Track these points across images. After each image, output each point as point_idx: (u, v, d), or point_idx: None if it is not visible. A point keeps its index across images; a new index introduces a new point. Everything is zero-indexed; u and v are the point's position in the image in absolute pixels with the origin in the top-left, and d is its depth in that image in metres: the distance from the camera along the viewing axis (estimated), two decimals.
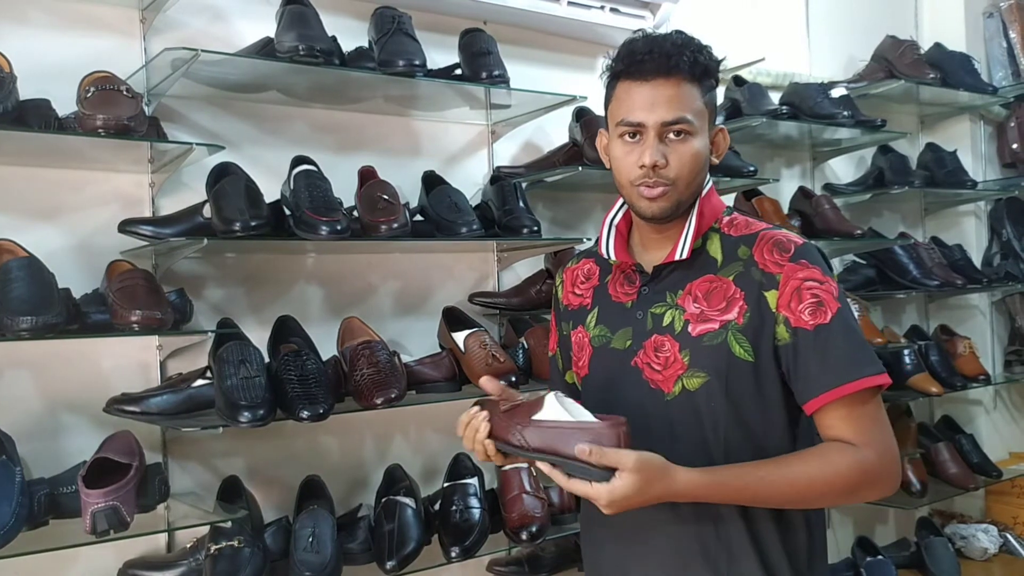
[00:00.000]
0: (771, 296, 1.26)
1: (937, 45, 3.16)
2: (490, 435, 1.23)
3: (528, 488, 1.98)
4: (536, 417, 1.19)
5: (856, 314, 2.53)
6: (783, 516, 1.31)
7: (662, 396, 1.31)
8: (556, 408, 1.19)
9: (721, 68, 1.35)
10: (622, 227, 1.43)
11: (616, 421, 1.15)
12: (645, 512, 1.22)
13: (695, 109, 1.28)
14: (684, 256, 1.31)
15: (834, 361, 1.23)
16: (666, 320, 1.32)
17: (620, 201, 1.44)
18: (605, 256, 1.41)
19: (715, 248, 1.34)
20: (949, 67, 3.07)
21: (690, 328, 1.30)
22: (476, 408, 1.27)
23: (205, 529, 1.72)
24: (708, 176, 1.37)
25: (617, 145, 1.32)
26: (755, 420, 1.29)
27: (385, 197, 1.88)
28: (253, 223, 1.68)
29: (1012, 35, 3.35)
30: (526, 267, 2.37)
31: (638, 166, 1.28)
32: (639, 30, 1.36)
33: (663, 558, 1.32)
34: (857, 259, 3.09)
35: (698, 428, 1.29)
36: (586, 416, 1.19)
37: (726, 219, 1.37)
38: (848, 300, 1.29)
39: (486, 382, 1.32)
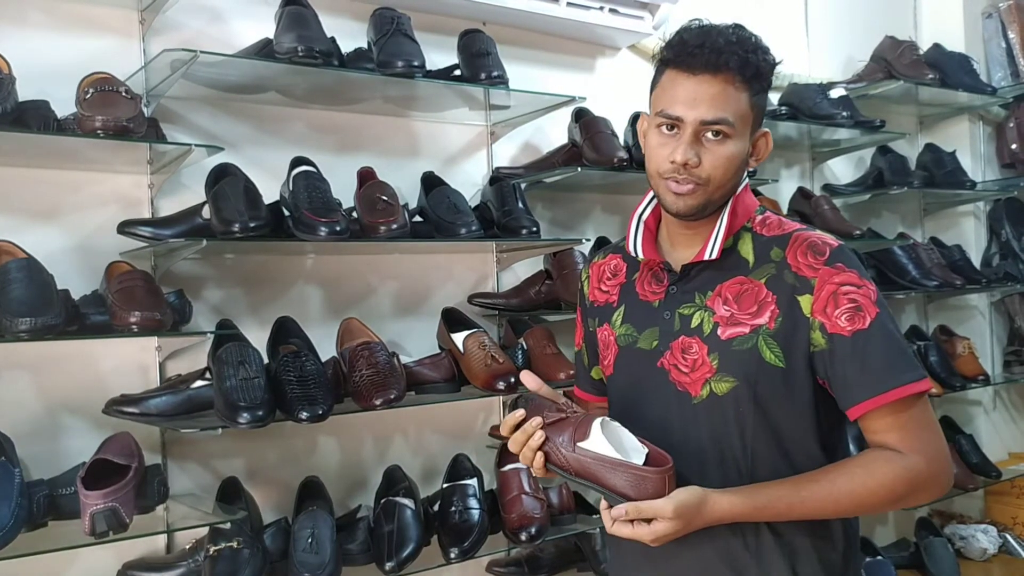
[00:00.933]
0: (804, 301, 1.23)
1: (936, 46, 3.16)
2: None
3: (527, 489, 1.98)
4: (582, 445, 1.17)
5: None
6: (818, 526, 1.27)
7: (689, 399, 1.28)
8: (600, 439, 1.16)
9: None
10: (650, 223, 1.38)
11: (662, 469, 1.14)
12: None
13: (738, 111, 1.23)
14: (714, 256, 1.28)
15: (874, 368, 1.20)
16: (694, 322, 1.29)
17: (649, 195, 1.39)
18: (633, 253, 1.37)
19: (747, 248, 1.30)
20: (948, 68, 3.07)
21: (719, 331, 1.26)
22: (522, 412, 1.23)
23: (204, 530, 1.72)
24: (746, 177, 1.33)
25: (653, 134, 1.28)
26: (784, 426, 1.26)
27: (384, 198, 1.88)
28: (252, 224, 1.68)
29: (1011, 35, 3.35)
30: (525, 268, 2.37)
31: (669, 160, 1.24)
32: (696, 19, 1.30)
33: (689, 569, 1.30)
34: None
35: (725, 432, 1.26)
36: (634, 444, 1.18)
37: (759, 218, 1.33)
38: (887, 304, 1.25)
39: (527, 378, 1.29)
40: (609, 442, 1.17)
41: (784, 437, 1.26)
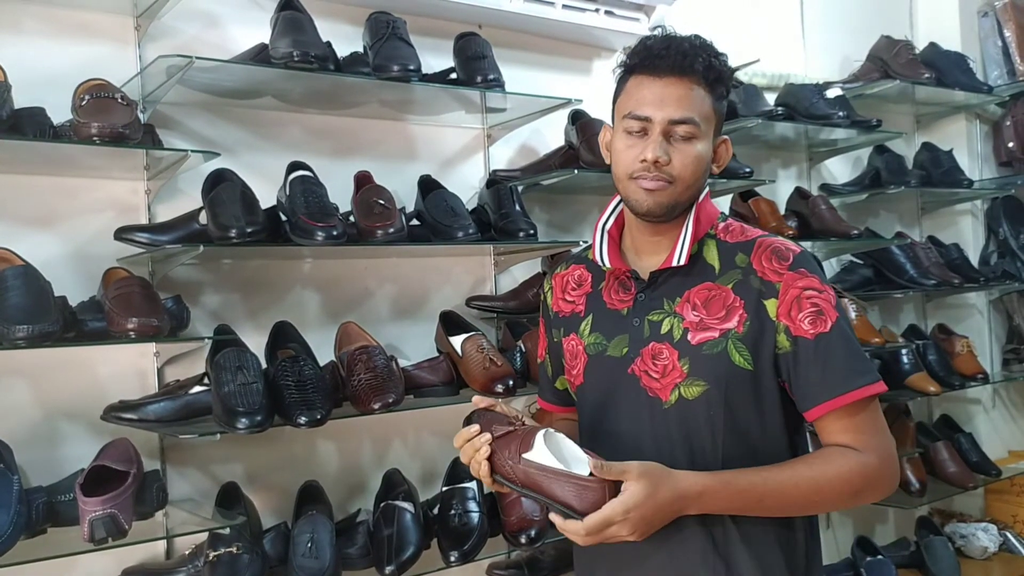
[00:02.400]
0: (771, 305, 1.26)
1: (932, 45, 3.17)
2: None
3: None
4: (526, 456, 1.18)
5: (853, 315, 2.55)
6: (781, 521, 1.30)
7: (660, 404, 1.30)
8: (543, 451, 1.17)
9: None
10: (614, 232, 1.41)
11: (601, 478, 1.14)
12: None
13: (704, 113, 1.28)
14: (682, 262, 1.30)
15: (834, 370, 1.24)
16: (664, 328, 1.31)
17: (612, 205, 1.43)
18: (599, 263, 1.39)
19: (712, 255, 1.33)
20: (944, 67, 3.08)
21: (689, 336, 1.28)
22: (476, 427, 1.25)
23: (204, 536, 1.72)
24: (706, 185, 1.36)
25: (620, 138, 1.31)
26: (753, 428, 1.29)
27: (381, 202, 1.88)
28: (249, 229, 1.68)
29: (1007, 34, 3.35)
30: (523, 270, 2.37)
31: (639, 160, 1.27)
32: (658, 26, 1.35)
33: (660, 567, 1.31)
34: (854, 259, 3.09)
35: (696, 436, 1.28)
36: (577, 455, 1.19)
37: (721, 225, 1.36)
38: (843, 306, 1.29)
39: (478, 399, 1.33)
40: (552, 453, 1.17)
41: (754, 439, 1.29)
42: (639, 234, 1.38)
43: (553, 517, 1.16)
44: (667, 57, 1.26)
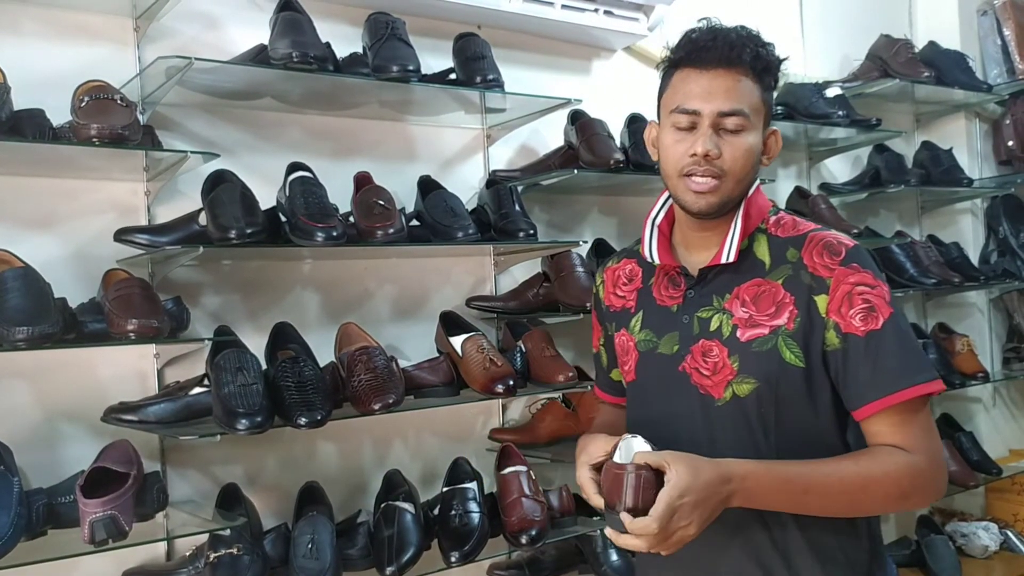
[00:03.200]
0: (821, 300, 1.23)
1: (931, 43, 3.17)
2: None
3: (527, 492, 1.97)
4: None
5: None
6: (844, 524, 1.27)
7: (712, 402, 1.28)
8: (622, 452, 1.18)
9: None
10: (664, 227, 1.39)
11: (620, 466, 1.14)
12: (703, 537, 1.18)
13: (753, 104, 1.25)
14: (731, 259, 1.28)
15: (886, 368, 1.20)
16: (713, 324, 1.29)
17: (661, 200, 1.40)
18: (648, 259, 1.37)
19: (762, 250, 1.30)
20: (944, 65, 3.07)
21: (739, 333, 1.27)
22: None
23: (204, 537, 1.72)
24: (756, 176, 1.33)
25: (668, 134, 1.28)
26: (806, 426, 1.26)
27: (381, 202, 1.88)
28: (249, 230, 1.68)
29: (1006, 32, 3.35)
30: (523, 270, 2.36)
31: (689, 155, 1.24)
32: (704, 18, 1.31)
33: (718, 568, 1.29)
34: None
35: (749, 434, 1.26)
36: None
37: (772, 219, 1.33)
38: (900, 304, 1.24)
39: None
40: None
41: (807, 437, 1.26)
42: (688, 230, 1.36)
43: (613, 533, 1.14)
44: (714, 49, 1.23)
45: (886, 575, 1.33)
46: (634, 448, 1.18)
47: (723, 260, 1.28)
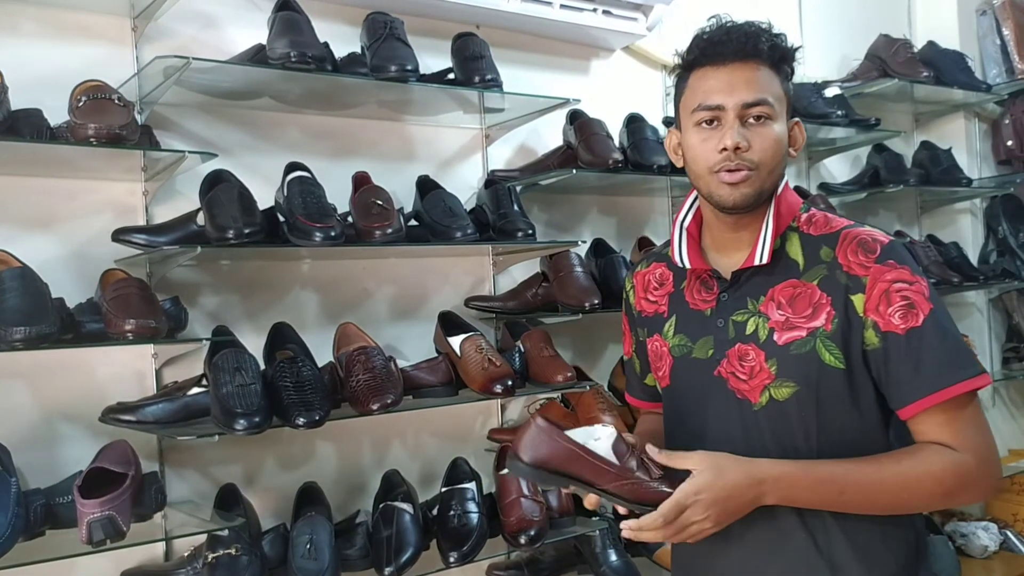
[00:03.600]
0: (858, 300, 1.21)
1: (930, 43, 3.17)
2: None
3: (526, 492, 1.97)
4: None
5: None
6: (890, 526, 1.25)
7: (750, 406, 1.26)
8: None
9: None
10: (692, 230, 1.37)
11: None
12: (740, 529, 1.20)
13: (775, 92, 1.24)
14: (764, 261, 1.26)
15: (929, 365, 1.18)
16: (749, 328, 1.27)
17: (688, 202, 1.39)
18: (679, 263, 1.35)
19: (795, 250, 1.28)
20: (943, 65, 3.07)
21: (776, 336, 1.24)
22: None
23: (202, 537, 1.72)
24: (784, 168, 1.32)
25: (693, 134, 1.26)
26: (849, 427, 1.24)
27: (379, 202, 1.88)
28: (247, 230, 1.68)
29: (1005, 32, 3.35)
30: (522, 270, 2.36)
31: (718, 150, 1.22)
32: (713, 16, 1.29)
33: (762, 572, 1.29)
34: None
35: (789, 438, 1.25)
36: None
37: (804, 216, 1.31)
38: (941, 298, 1.22)
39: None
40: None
41: (851, 439, 1.24)
42: (719, 231, 1.33)
43: (627, 525, 1.15)
44: (729, 43, 1.23)
45: (928, 567, 1.32)
46: (596, 433, 1.19)
47: (756, 262, 1.26)
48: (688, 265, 1.34)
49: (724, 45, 1.23)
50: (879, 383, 1.23)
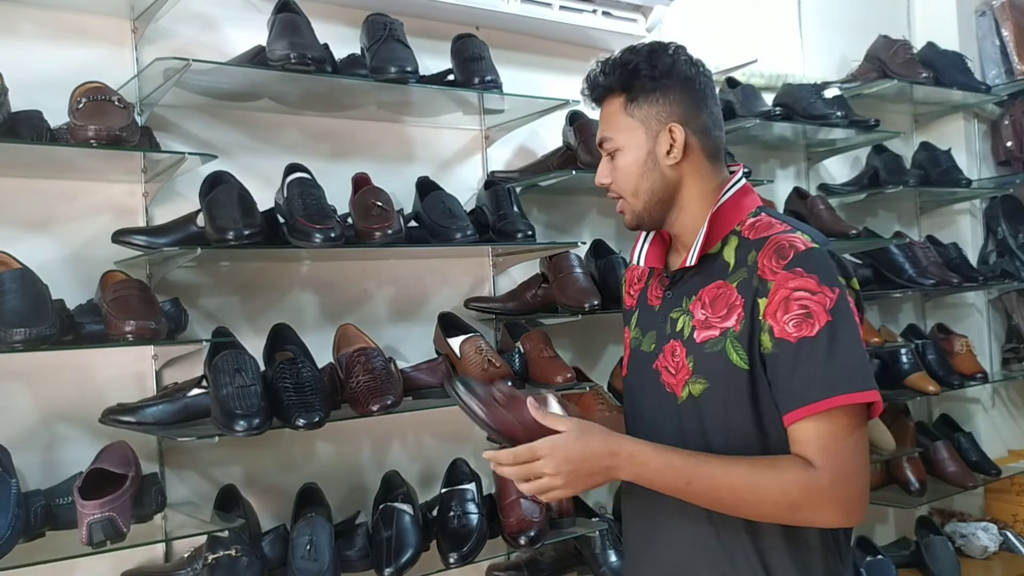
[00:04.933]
0: (763, 303, 1.23)
1: (930, 44, 3.17)
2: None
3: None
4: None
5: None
6: (793, 533, 1.26)
7: (675, 400, 1.33)
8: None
9: (715, 69, 1.36)
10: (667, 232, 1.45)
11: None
12: (655, 505, 1.30)
13: (619, 125, 1.34)
14: (692, 263, 1.32)
15: (809, 377, 1.18)
16: (679, 325, 1.34)
17: None
18: (634, 260, 1.45)
19: (730, 253, 1.32)
20: (942, 66, 3.08)
21: (696, 335, 1.30)
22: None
23: (203, 538, 1.72)
24: (742, 179, 1.36)
25: None
26: (754, 429, 1.26)
27: (379, 204, 1.88)
28: (247, 232, 1.68)
29: (1004, 33, 3.35)
30: (521, 271, 2.36)
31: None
32: (595, 61, 1.44)
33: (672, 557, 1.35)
34: (853, 259, 3.09)
35: (702, 434, 1.29)
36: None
37: (750, 221, 1.32)
38: (850, 311, 1.21)
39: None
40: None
41: (756, 441, 1.26)
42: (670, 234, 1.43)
43: (489, 454, 1.24)
44: (589, 93, 1.39)
45: None
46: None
47: (688, 263, 1.33)
48: (642, 263, 1.44)
49: (588, 96, 1.39)
50: (772, 388, 1.24)
